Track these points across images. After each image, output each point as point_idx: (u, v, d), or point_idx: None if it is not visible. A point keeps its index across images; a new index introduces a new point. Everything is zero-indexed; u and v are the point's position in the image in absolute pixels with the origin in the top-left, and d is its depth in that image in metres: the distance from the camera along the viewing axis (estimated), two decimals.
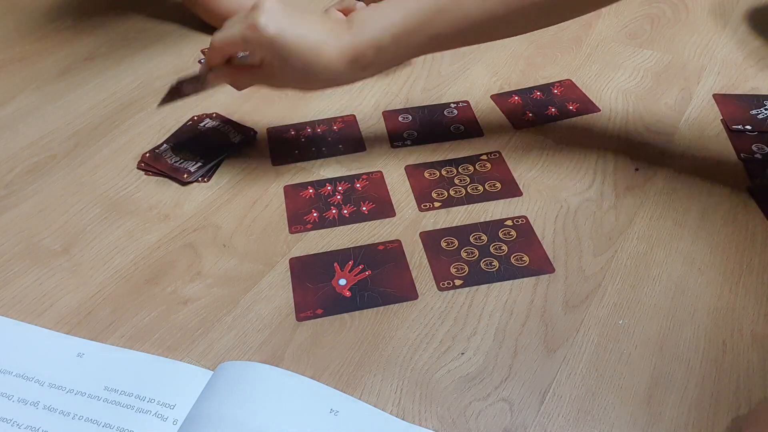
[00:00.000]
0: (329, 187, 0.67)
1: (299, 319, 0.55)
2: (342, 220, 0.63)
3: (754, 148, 0.69)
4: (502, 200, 0.65)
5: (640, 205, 0.64)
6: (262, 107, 0.79)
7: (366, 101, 0.79)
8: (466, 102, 0.78)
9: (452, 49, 0.65)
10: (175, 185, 0.68)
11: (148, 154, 0.71)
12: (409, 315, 0.55)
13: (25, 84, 0.84)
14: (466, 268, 0.58)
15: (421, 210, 0.64)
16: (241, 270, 0.59)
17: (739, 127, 0.72)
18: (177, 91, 0.68)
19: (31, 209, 0.66)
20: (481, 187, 0.66)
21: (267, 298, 0.56)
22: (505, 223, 0.62)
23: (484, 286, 0.57)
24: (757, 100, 0.76)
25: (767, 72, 0.81)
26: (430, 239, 0.61)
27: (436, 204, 0.65)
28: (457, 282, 0.57)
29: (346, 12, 0.77)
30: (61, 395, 0.49)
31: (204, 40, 0.91)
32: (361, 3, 0.77)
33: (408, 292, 0.56)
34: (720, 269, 0.57)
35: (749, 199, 0.64)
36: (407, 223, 0.63)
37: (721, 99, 0.76)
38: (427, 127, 0.75)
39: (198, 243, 0.62)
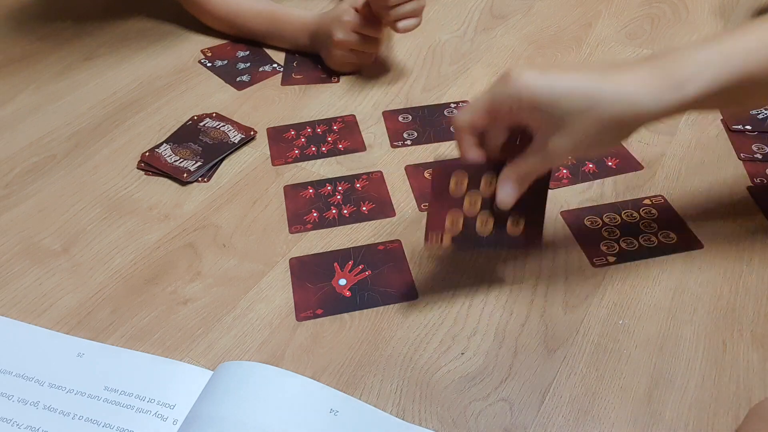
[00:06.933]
0: (329, 187, 0.67)
1: (299, 319, 0.55)
2: (342, 220, 0.63)
3: (754, 148, 0.69)
4: None
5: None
6: (262, 107, 0.79)
7: (366, 101, 0.79)
8: (466, 102, 0.78)
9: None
10: (175, 185, 0.68)
11: (147, 154, 0.71)
12: (409, 315, 0.55)
13: (25, 84, 0.84)
14: None
15: (421, 210, 0.64)
16: (241, 270, 0.59)
17: (739, 127, 0.71)
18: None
19: (31, 209, 0.66)
20: None
21: (267, 298, 0.56)
22: None
23: (484, 286, 0.57)
24: None
25: None
26: None
27: None
28: None
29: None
30: (61, 395, 0.49)
31: (204, 41, 0.91)
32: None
33: (408, 292, 0.56)
34: (720, 269, 0.57)
35: (749, 199, 0.64)
36: (407, 223, 0.63)
37: None
38: (427, 127, 0.75)
39: (198, 243, 0.62)
